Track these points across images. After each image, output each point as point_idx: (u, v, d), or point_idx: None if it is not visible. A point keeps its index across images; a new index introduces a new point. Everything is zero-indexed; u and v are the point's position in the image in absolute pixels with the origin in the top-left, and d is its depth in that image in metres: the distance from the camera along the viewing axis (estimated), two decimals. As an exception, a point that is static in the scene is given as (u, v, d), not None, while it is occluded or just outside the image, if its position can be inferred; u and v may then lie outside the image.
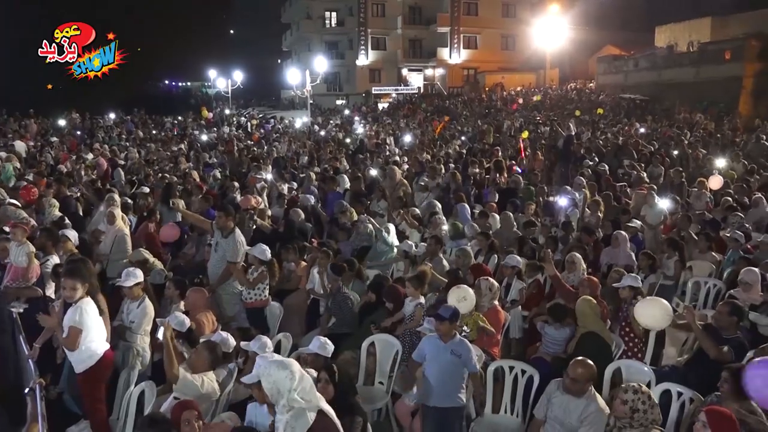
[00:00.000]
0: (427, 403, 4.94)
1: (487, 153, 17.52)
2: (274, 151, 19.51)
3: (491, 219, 9.68)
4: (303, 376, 3.58)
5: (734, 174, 13.60)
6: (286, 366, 3.56)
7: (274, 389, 3.52)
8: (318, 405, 3.62)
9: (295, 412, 3.51)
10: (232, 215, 6.96)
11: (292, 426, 3.50)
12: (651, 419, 4.12)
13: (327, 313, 7.05)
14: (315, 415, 3.57)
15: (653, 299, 5.72)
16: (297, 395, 3.50)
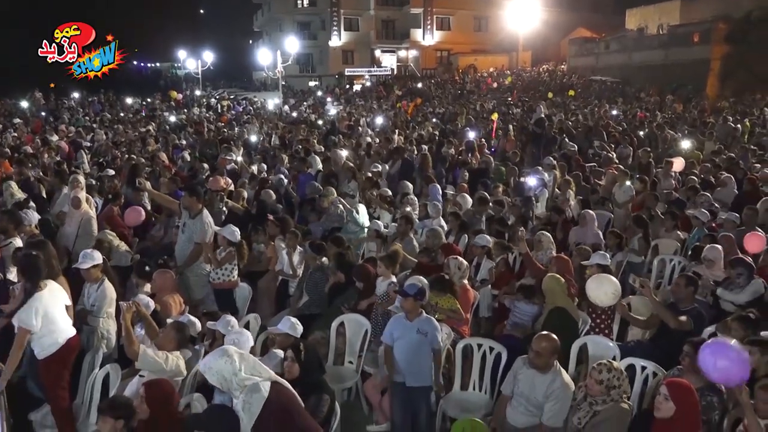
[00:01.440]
0: (396, 381, 4.96)
1: (459, 134, 17.56)
2: (245, 132, 19.26)
3: (461, 199, 9.70)
4: (243, 356, 3.63)
5: (699, 155, 13.82)
6: (222, 353, 3.61)
7: (220, 379, 3.57)
8: (270, 376, 3.65)
9: (249, 388, 3.54)
10: (198, 196, 6.85)
11: (248, 402, 3.53)
12: (622, 392, 4.20)
13: (298, 293, 7.02)
14: (269, 385, 3.59)
15: (602, 276, 5.80)
16: (244, 374, 3.52)
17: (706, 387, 4.24)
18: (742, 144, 15.32)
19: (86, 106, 28.37)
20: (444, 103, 30.23)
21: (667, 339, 5.41)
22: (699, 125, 18.21)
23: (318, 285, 6.76)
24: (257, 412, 3.55)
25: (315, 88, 44.82)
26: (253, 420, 3.56)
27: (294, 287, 7.23)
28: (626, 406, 4.13)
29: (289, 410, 3.70)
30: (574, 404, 4.29)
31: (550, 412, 4.29)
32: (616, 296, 5.56)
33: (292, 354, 4.24)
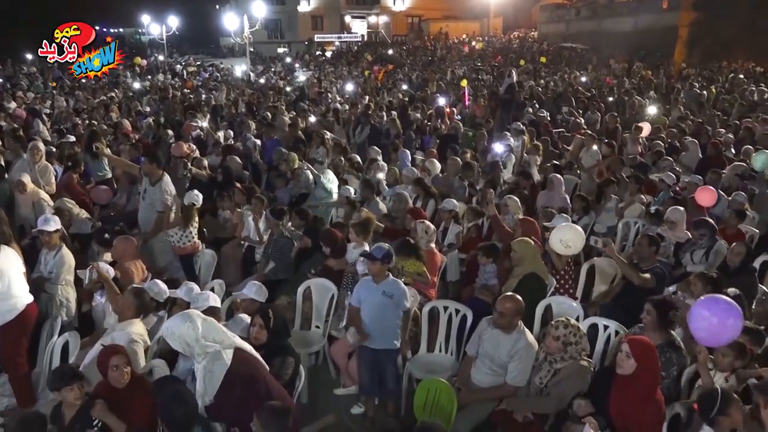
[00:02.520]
0: (362, 344, 4.95)
1: (430, 100, 17.46)
2: (212, 99, 18.87)
3: (430, 164, 9.66)
4: (206, 321, 3.57)
5: (666, 120, 13.96)
6: (186, 318, 3.56)
7: (182, 343, 3.53)
8: (233, 343, 3.60)
9: (211, 356, 3.50)
10: (158, 162, 6.68)
11: (210, 370, 3.49)
12: (581, 349, 4.26)
13: (264, 259, 6.94)
14: (232, 353, 3.54)
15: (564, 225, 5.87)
16: (207, 341, 3.47)
17: (665, 344, 4.33)
18: (709, 110, 15.51)
19: (45, 73, 27.42)
20: (415, 69, 29.95)
21: (630, 298, 5.50)
22: (666, 91, 18.38)
23: (284, 251, 6.69)
24: (219, 380, 3.52)
25: (284, 54, 44.01)
26: (215, 388, 3.52)
27: (260, 254, 7.14)
28: (585, 363, 4.20)
29: (254, 377, 3.66)
30: (536, 364, 4.34)
31: (514, 371, 4.33)
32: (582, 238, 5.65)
33: (260, 320, 4.19)
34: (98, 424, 3.62)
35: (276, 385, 3.78)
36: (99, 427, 3.63)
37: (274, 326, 4.19)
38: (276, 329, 4.21)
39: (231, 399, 3.53)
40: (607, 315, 5.23)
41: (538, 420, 4.15)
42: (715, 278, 5.17)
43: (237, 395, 3.52)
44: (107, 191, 8.68)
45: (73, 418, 3.65)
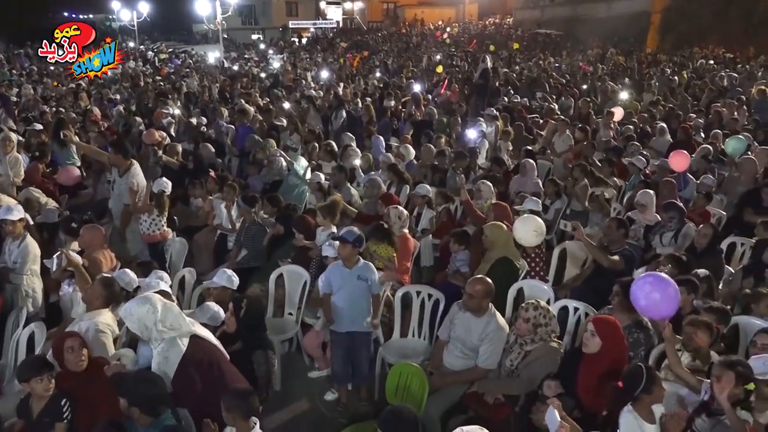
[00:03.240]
0: (337, 330, 4.94)
1: (406, 87, 17.41)
2: (184, 86, 18.60)
3: (404, 150, 9.64)
4: (166, 306, 3.56)
5: (638, 105, 14.09)
6: (146, 301, 3.56)
7: (141, 326, 3.52)
8: (190, 330, 3.59)
9: (167, 342, 3.49)
10: (124, 152, 6.58)
11: (165, 356, 3.48)
12: (550, 331, 4.30)
13: (236, 247, 6.88)
14: (188, 340, 3.53)
15: (525, 217, 5.92)
16: (164, 326, 3.46)
17: (633, 324, 4.39)
18: (680, 95, 15.70)
19: (12, 60, 26.75)
20: (390, 56, 29.83)
21: (600, 280, 5.56)
22: (638, 77, 18.56)
23: (256, 238, 6.64)
24: (174, 367, 3.50)
25: (258, 41, 43.47)
26: (171, 373, 3.50)
27: (233, 241, 7.08)
28: (555, 345, 4.25)
29: (210, 364, 3.65)
30: (507, 347, 4.38)
31: (485, 354, 4.36)
32: (540, 234, 5.69)
33: (232, 308, 4.16)
34: (68, 416, 3.56)
35: (233, 372, 3.76)
36: (69, 419, 3.57)
37: (245, 316, 4.16)
38: (249, 319, 4.18)
39: (187, 386, 3.52)
40: (578, 297, 5.28)
41: (509, 401, 4.20)
42: (683, 260, 5.27)
43: (193, 382, 3.51)
44: (74, 171, 8.50)
45: (42, 411, 3.58)
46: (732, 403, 3.20)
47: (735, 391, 3.20)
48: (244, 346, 3.99)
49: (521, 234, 5.74)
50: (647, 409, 3.27)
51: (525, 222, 5.83)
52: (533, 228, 5.74)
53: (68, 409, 3.56)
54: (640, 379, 3.30)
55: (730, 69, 20.29)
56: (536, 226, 5.77)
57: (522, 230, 5.74)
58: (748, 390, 3.22)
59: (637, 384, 3.29)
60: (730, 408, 3.18)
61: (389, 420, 3.03)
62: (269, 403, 4.91)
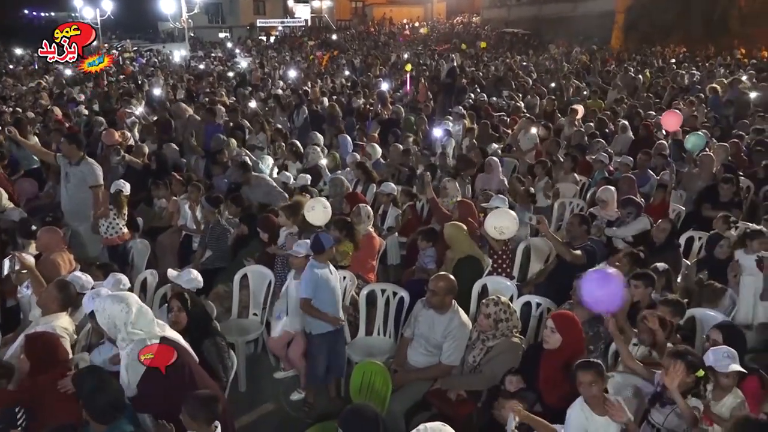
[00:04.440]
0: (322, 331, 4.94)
1: (373, 85, 17.42)
2: (146, 84, 18.33)
3: (371, 149, 9.65)
4: (141, 308, 3.48)
5: (602, 103, 14.32)
6: (122, 299, 3.48)
7: (110, 323, 3.45)
8: (158, 335, 3.52)
9: (135, 344, 3.42)
10: (78, 143, 6.44)
11: (134, 359, 3.40)
12: (512, 326, 4.35)
13: (201, 248, 6.80)
14: (157, 342, 3.47)
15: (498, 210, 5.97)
16: (135, 328, 3.40)
17: (593, 319, 4.45)
18: (644, 93, 16.00)
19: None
20: (359, 54, 29.80)
21: (564, 276, 5.63)
22: (602, 76, 18.86)
23: (220, 239, 6.58)
24: (142, 371, 3.44)
25: (225, 39, 43.01)
26: (137, 378, 3.45)
27: (197, 242, 7.00)
28: (517, 340, 4.29)
29: (182, 366, 3.59)
30: (469, 343, 4.41)
31: (448, 351, 4.39)
32: (517, 222, 5.73)
33: (177, 303, 4.10)
34: (23, 423, 3.48)
35: (203, 375, 3.72)
36: (24, 426, 3.49)
37: (192, 308, 4.11)
38: (196, 313, 4.13)
39: (155, 389, 3.46)
40: (542, 293, 5.35)
41: (471, 397, 4.23)
42: (640, 255, 5.38)
43: (162, 385, 3.45)
44: (32, 183, 8.35)
45: None
46: (683, 392, 3.28)
47: (686, 380, 3.28)
48: (192, 338, 3.94)
49: (504, 222, 5.71)
50: (599, 401, 3.33)
51: (500, 212, 5.88)
52: (513, 216, 5.81)
53: (22, 416, 3.47)
54: None
55: (691, 67, 20.74)
56: (514, 215, 5.84)
57: (503, 220, 5.73)
58: (698, 378, 3.31)
59: None
60: (680, 396, 3.26)
61: (349, 418, 3.03)
62: (234, 405, 4.87)
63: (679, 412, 3.27)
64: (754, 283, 5.16)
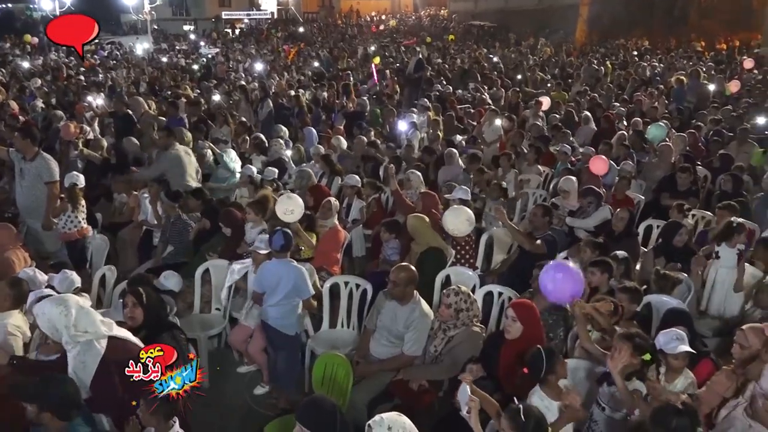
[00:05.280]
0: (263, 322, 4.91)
1: (340, 78, 17.34)
2: (108, 78, 17.95)
3: (336, 141, 9.61)
4: (83, 310, 3.42)
5: (565, 95, 14.50)
6: (61, 302, 3.41)
7: (51, 327, 3.39)
8: (106, 334, 3.46)
9: (82, 346, 3.36)
10: (33, 138, 6.25)
11: (81, 361, 3.35)
12: (472, 315, 4.38)
13: (162, 243, 6.70)
14: (106, 342, 3.41)
15: (455, 208, 6.00)
16: (78, 330, 3.33)
17: (552, 306, 4.52)
18: (606, 85, 16.26)
19: None
20: (326, 47, 29.61)
21: (525, 265, 5.70)
22: (566, 68, 19.11)
23: (182, 234, 6.48)
24: (93, 371, 3.38)
25: (190, 32, 42.28)
26: (89, 378, 3.38)
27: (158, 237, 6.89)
28: (477, 329, 4.33)
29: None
30: (431, 333, 4.43)
31: (410, 341, 4.41)
32: (471, 223, 5.76)
33: (132, 299, 4.02)
34: None
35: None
36: None
37: (148, 302, 4.04)
38: (152, 308, 4.06)
39: (108, 389, 3.39)
40: (505, 283, 5.39)
41: (433, 387, 4.25)
42: (601, 244, 5.47)
43: (114, 384, 3.38)
44: None
45: None
46: (630, 374, 3.36)
47: (633, 361, 3.36)
48: (149, 333, 3.87)
49: (453, 224, 5.79)
50: (555, 387, 3.39)
51: (456, 213, 5.90)
52: (465, 218, 5.81)
53: None
54: (542, 362, 3.41)
55: (652, 59, 21.13)
56: (467, 216, 5.84)
57: (454, 221, 5.80)
58: (645, 361, 3.38)
59: (541, 366, 3.40)
60: (620, 379, 3.34)
61: (307, 411, 3.01)
62: (196, 400, 4.81)
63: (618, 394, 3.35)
64: (730, 276, 5.27)
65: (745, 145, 9.53)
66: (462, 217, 5.76)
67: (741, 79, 16.10)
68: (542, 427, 2.88)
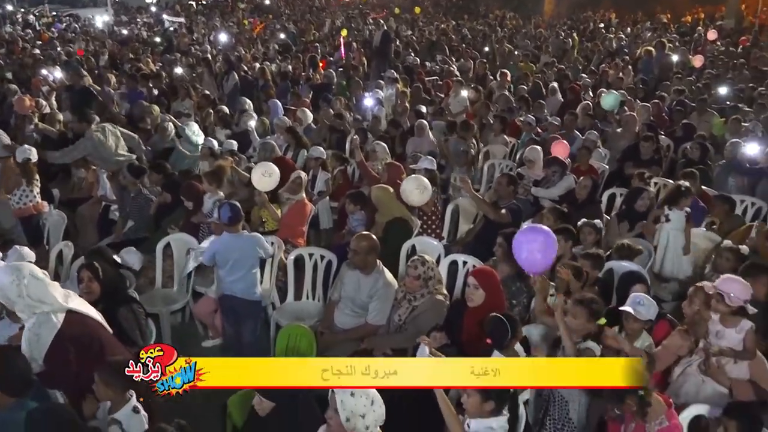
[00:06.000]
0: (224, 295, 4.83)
1: (307, 50, 17.06)
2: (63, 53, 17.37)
3: (302, 114, 9.47)
4: (36, 279, 3.31)
5: (533, 67, 14.50)
6: (13, 271, 3.29)
7: (3, 297, 3.28)
8: (64, 306, 3.36)
9: (38, 318, 3.25)
10: None
11: (36, 333, 3.25)
12: (436, 282, 4.38)
13: (122, 219, 6.55)
14: (63, 315, 3.31)
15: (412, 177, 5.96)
16: (33, 300, 3.22)
17: (516, 274, 4.54)
18: (574, 57, 16.31)
19: None
20: (292, 19, 29.07)
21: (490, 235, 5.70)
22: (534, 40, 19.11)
23: (143, 209, 6.35)
24: (47, 344, 3.28)
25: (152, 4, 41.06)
26: (43, 352, 3.28)
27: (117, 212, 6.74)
28: (441, 298, 4.33)
29: (91, 339, 3.44)
30: (395, 303, 4.42)
31: (374, 311, 4.39)
32: (423, 190, 5.71)
33: (88, 273, 3.91)
34: None
35: (116, 347, 3.57)
36: None
37: (105, 276, 3.94)
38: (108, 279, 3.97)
39: (62, 364, 3.30)
40: (470, 253, 5.39)
41: (397, 356, 4.24)
42: (564, 211, 5.51)
43: (70, 359, 3.30)
44: None
45: None
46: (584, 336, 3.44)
47: (588, 326, 3.40)
48: (107, 306, 3.79)
49: (406, 194, 5.75)
50: (512, 351, 3.42)
51: (409, 182, 5.85)
52: (415, 186, 5.74)
53: None
54: (505, 329, 3.43)
55: (619, 31, 21.24)
56: (418, 183, 5.76)
57: (406, 190, 5.75)
58: (600, 325, 3.42)
59: (504, 334, 3.42)
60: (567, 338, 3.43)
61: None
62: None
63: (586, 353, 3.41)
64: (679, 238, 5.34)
65: (706, 114, 9.68)
66: (412, 185, 5.69)
67: (704, 51, 16.32)
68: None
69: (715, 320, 3.50)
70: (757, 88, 11.40)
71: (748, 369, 3.41)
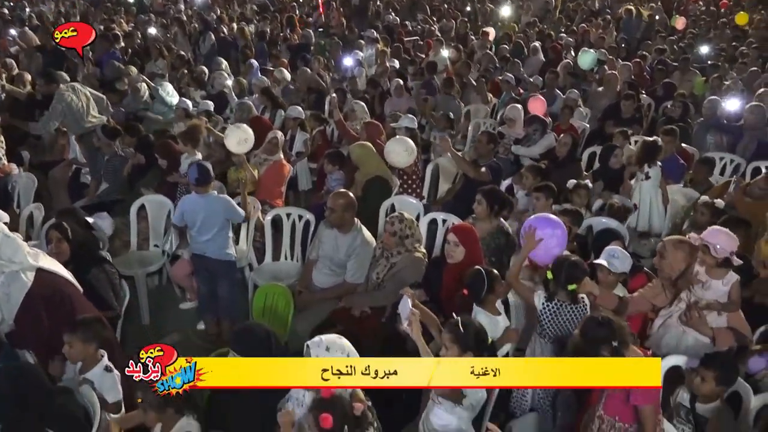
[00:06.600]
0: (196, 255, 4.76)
1: (285, 10, 16.66)
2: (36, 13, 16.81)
3: (279, 74, 9.28)
4: (7, 237, 3.22)
5: (515, 27, 14.32)
6: None
7: None
8: (34, 265, 3.27)
9: (7, 277, 3.17)
10: None
11: (6, 293, 3.16)
12: (414, 241, 4.33)
13: (95, 181, 6.40)
14: (33, 274, 3.22)
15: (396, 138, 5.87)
16: (2, 260, 3.14)
17: (496, 231, 4.51)
18: (556, 16, 16.12)
19: None
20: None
21: (470, 193, 5.65)
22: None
23: (117, 171, 6.19)
24: (18, 303, 3.19)
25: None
26: (13, 311, 3.20)
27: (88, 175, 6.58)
28: (420, 255, 4.29)
29: (62, 299, 3.35)
30: (373, 261, 4.37)
31: (352, 269, 4.35)
32: (411, 153, 5.64)
33: (57, 234, 3.81)
34: None
35: (87, 307, 3.48)
36: None
37: (74, 236, 3.85)
38: (78, 239, 3.87)
39: (33, 324, 3.23)
40: (450, 212, 5.35)
41: (375, 313, 4.21)
42: (543, 169, 5.47)
43: (40, 319, 3.22)
44: None
45: None
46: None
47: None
48: (76, 267, 3.70)
49: (392, 156, 5.67)
50: (493, 305, 3.40)
51: (395, 143, 5.76)
52: (403, 149, 5.66)
53: None
54: (483, 282, 3.40)
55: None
56: (406, 146, 5.69)
57: (393, 152, 5.67)
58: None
59: (482, 287, 3.40)
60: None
61: (239, 338, 2.95)
62: (137, 337, 4.71)
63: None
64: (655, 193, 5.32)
65: (688, 73, 9.65)
66: (400, 147, 5.60)
67: (687, 11, 16.21)
68: (482, 336, 2.89)
69: (701, 272, 3.50)
70: (738, 47, 11.37)
71: (726, 318, 3.43)
